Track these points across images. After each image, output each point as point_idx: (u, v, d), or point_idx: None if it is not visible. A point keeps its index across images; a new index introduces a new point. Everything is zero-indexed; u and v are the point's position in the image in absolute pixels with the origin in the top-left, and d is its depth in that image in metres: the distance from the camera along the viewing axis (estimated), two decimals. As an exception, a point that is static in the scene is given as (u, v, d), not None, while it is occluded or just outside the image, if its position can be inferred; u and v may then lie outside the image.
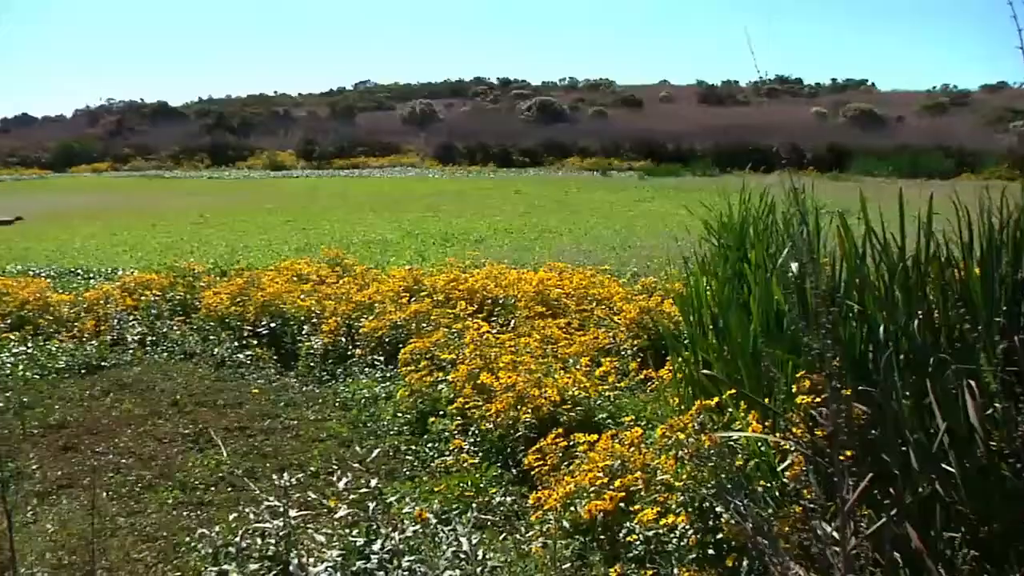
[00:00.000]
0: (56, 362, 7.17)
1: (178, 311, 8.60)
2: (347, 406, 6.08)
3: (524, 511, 4.12)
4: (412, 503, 3.96)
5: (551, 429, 4.56)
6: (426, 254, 12.91)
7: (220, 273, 10.33)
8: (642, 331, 6.55)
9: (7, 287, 9.17)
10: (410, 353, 6.23)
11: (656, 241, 13.68)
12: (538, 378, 5.10)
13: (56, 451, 5.34)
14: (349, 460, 4.99)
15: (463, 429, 5.18)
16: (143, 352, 7.54)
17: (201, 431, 5.60)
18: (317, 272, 9.37)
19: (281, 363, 7.28)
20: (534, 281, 7.80)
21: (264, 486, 4.57)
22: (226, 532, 3.62)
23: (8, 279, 10.00)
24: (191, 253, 13.81)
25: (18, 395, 6.31)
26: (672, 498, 3.29)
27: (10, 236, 17.71)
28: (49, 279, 10.88)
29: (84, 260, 13.61)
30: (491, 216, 18.67)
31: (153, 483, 4.80)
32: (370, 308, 7.51)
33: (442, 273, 8.73)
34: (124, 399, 6.28)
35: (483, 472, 4.57)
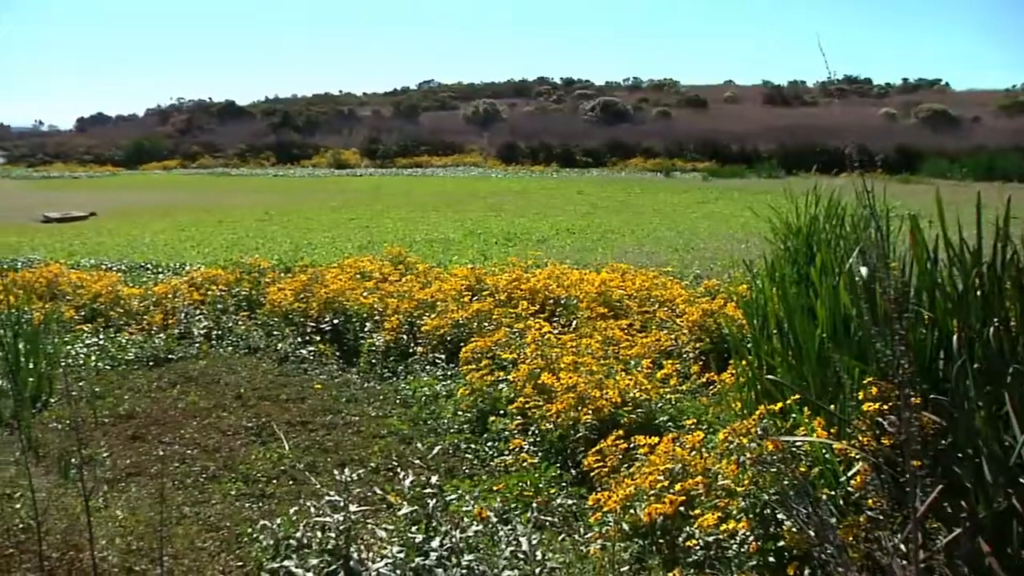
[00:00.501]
0: (126, 354, 7.35)
1: (243, 306, 8.76)
2: (408, 403, 6.12)
3: (583, 512, 4.10)
4: (472, 501, 3.97)
5: (611, 431, 4.54)
6: (488, 253, 12.94)
7: (284, 269, 10.47)
8: (704, 334, 6.48)
9: (81, 280, 9.44)
10: (471, 352, 6.26)
11: (720, 243, 13.55)
12: (599, 379, 5.07)
13: (125, 440, 5.47)
14: (409, 457, 5.02)
15: (523, 429, 5.18)
16: (209, 346, 7.69)
17: (264, 425, 5.68)
18: (380, 270, 9.45)
19: (343, 359, 7.37)
20: (596, 282, 7.77)
21: (325, 480, 4.62)
22: (287, 525, 3.67)
23: (82, 272, 10.31)
24: (256, 249, 14.05)
25: (90, 385, 6.49)
26: (733, 503, 3.25)
27: (84, 231, 18.22)
28: (120, 273, 11.16)
29: (153, 255, 13.94)
30: (554, 216, 18.65)
31: (217, 474, 4.88)
32: (432, 306, 7.55)
33: (504, 272, 8.74)
34: (190, 391, 6.41)
35: (542, 472, 4.56)
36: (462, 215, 19.24)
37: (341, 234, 16.31)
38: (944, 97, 54.62)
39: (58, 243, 16.00)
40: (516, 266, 9.04)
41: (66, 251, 14.58)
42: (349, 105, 69.87)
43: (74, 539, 3.02)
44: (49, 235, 17.56)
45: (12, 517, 3.27)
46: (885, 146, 31.98)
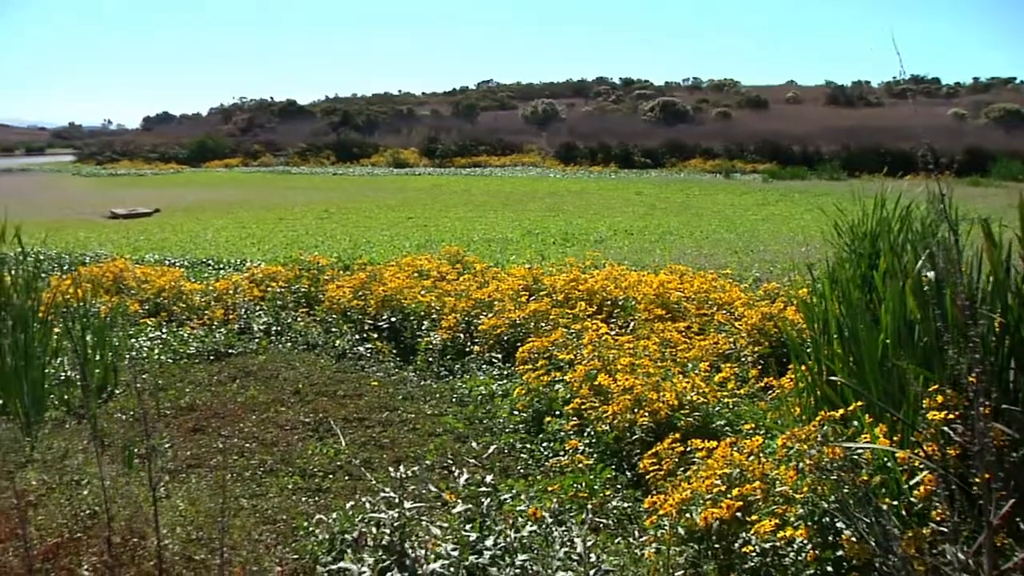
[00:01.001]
0: (187, 348, 7.49)
1: (302, 303, 8.87)
2: (464, 402, 6.14)
3: (637, 515, 4.07)
4: (526, 501, 3.97)
5: (667, 434, 4.50)
6: (546, 253, 12.94)
7: (343, 267, 10.58)
8: (763, 337, 6.40)
9: (146, 275, 9.66)
10: (528, 352, 6.26)
11: (780, 246, 13.37)
12: (656, 381, 5.04)
13: (186, 432, 5.57)
14: (465, 455, 5.04)
15: (578, 430, 5.16)
16: (268, 341, 7.79)
17: (321, 420, 5.75)
18: (438, 268, 9.50)
19: (400, 357, 7.42)
20: (654, 283, 7.72)
21: (380, 477, 4.66)
22: (343, 520, 3.70)
23: (147, 267, 10.54)
24: (315, 247, 14.22)
25: (154, 377, 6.63)
26: (791, 511, 3.20)
27: (149, 227, 18.63)
28: (183, 268, 11.39)
29: (215, 251, 14.20)
30: (611, 217, 18.58)
31: (274, 468, 4.95)
32: (489, 306, 7.57)
33: (562, 273, 8.73)
34: (249, 386, 6.50)
35: (597, 474, 4.54)
36: (520, 215, 19.26)
37: (399, 233, 16.44)
38: (1018, 96, 53.13)
39: (124, 239, 16.39)
40: (574, 266, 9.02)
41: (131, 246, 14.93)
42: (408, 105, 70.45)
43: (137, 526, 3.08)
44: (115, 231, 18.00)
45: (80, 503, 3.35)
46: (953, 147, 31.20)
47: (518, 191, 26.80)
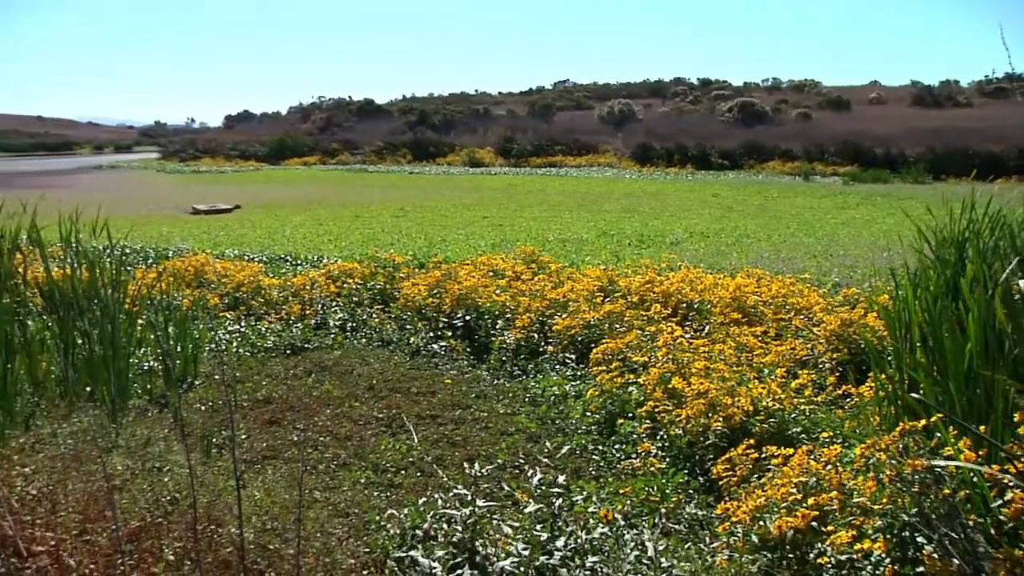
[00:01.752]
0: (265, 341, 7.64)
1: (377, 300, 8.98)
2: (536, 402, 6.15)
3: (710, 521, 4.02)
4: (598, 503, 3.95)
5: (742, 439, 4.44)
6: (621, 255, 12.87)
7: (418, 265, 10.67)
8: (842, 344, 6.26)
9: (226, 270, 9.88)
10: (602, 353, 6.23)
11: (860, 251, 13.08)
12: (731, 386, 4.97)
13: (262, 424, 5.69)
14: (537, 455, 5.04)
15: (651, 433, 5.13)
16: (343, 337, 7.90)
17: (394, 416, 5.81)
18: (513, 268, 9.52)
19: (474, 355, 7.46)
20: (731, 287, 7.61)
21: (452, 474, 4.69)
22: (414, 515, 3.73)
23: (227, 262, 10.79)
24: (391, 245, 14.38)
25: (232, 370, 6.77)
26: (869, 523, 3.12)
27: (229, 223, 19.06)
28: (262, 264, 11.62)
29: (293, 247, 14.46)
30: (688, 219, 18.39)
31: (348, 462, 5.02)
32: (564, 306, 7.55)
33: (637, 274, 8.67)
34: (324, 380, 6.60)
35: (670, 478, 4.50)
36: (595, 216, 19.20)
37: (475, 232, 16.52)
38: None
39: (205, 234, 16.80)
40: (649, 268, 8.95)
41: (212, 241, 15.29)
42: (484, 104, 70.72)
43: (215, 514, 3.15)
44: (197, 226, 18.47)
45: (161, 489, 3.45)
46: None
47: (593, 192, 26.70)
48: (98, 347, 5.44)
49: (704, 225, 17.16)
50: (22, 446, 3.71)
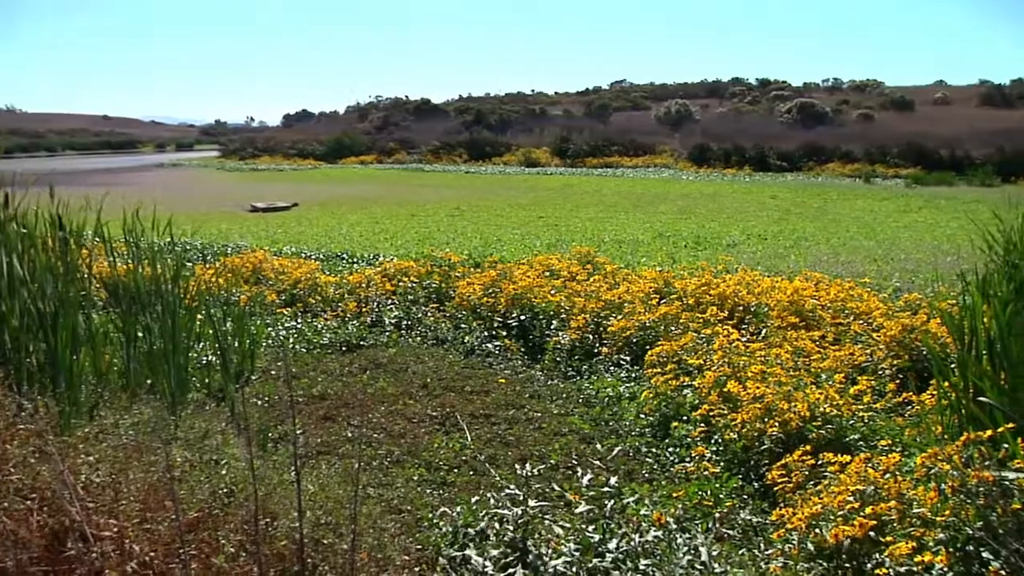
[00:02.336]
0: (321, 338, 7.72)
1: (433, 298, 9.03)
2: (590, 403, 6.12)
3: (764, 527, 3.97)
4: (650, 506, 3.92)
5: (798, 445, 4.38)
6: (677, 256, 12.78)
7: (474, 264, 10.70)
8: (903, 351, 6.14)
9: (283, 267, 10.01)
10: (657, 355, 6.19)
11: (923, 255, 12.81)
12: (788, 391, 4.90)
13: (317, 420, 5.75)
14: (589, 456, 5.02)
15: (705, 436, 5.08)
16: (399, 335, 7.96)
17: (448, 415, 5.83)
18: (568, 268, 9.50)
19: (528, 355, 7.46)
20: (788, 290, 7.50)
21: (505, 473, 4.69)
22: (467, 514, 3.74)
23: (284, 259, 10.93)
24: (447, 244, 14.45)
25: (288, 366, 6.85)
26: (930, 534, 3.05)
27: (287, 220, 19.31)
28: (318, 261, 11.76)
29: (349, 245, 14.60)
30: (745, 221, 18.19)
31: (401, 459, 5.05)
32: (619, 307, 7.52)
33: (693, 277, 8.60)
34: (379, 378, 6.66)
35: (724, 482, 4.46)
36: (651, 217, 19.09)
37: (530, 232, 16.52)
38: None
39: (263, 231, 17.04)
40: (705, 270, 8.86)
41: (270, 239, 15.50)
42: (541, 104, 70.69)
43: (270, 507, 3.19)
44: (255, 223, 18.74)
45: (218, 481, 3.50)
46: None
47: (649, 193, 26.55)
48: (159, 341, 5.54)
49: (762, 227, 16.97)
50: (86, 435, 3.79)
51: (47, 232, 5.32)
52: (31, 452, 3.34)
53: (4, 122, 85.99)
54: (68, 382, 4.76)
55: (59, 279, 5.02)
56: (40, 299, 4.85)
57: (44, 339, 4.82)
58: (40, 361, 4.82)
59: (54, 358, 4.77)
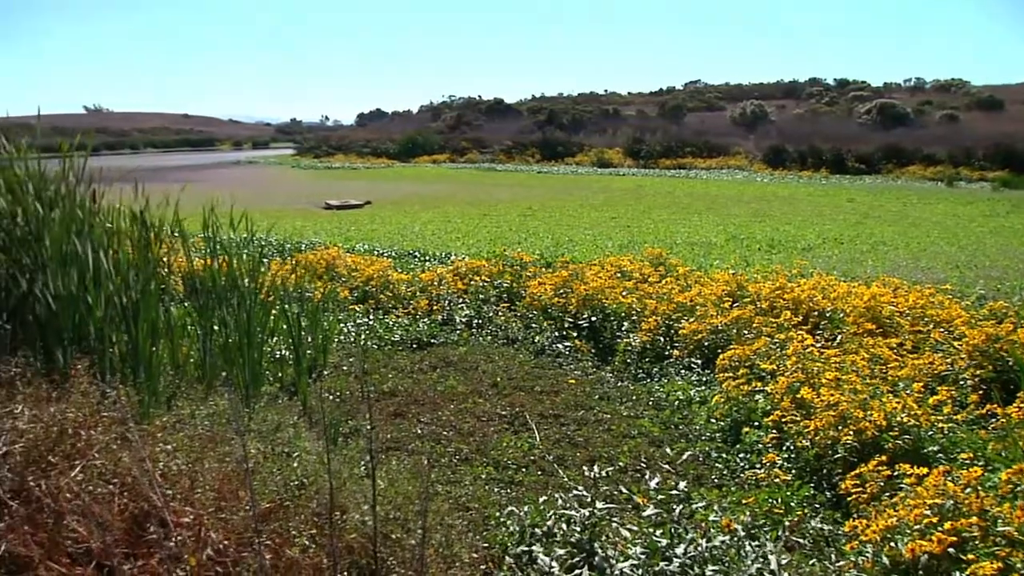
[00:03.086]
0: (392, 335, 7.80)
1: (504, 298, 9.05)
2: (660, 406, 6.07)
3: (836, 538, 3.89)
4: (719, 512, 3.87)
5: (873, 455, 4.29)
6: (750, 259, 12.61)
7: (545, 264, 10.70)
8: (987, 360, 5.94)
9: (356, 264, 10.14)
10: (729, 359, 6.11)
11: (1009, 261, 12.43)
12: (863, 399, 4.79)
13: (387, 416, 5.81)
14: (658, 460, 4.98)
15: (777, 443, 5.00)
16: (469, 333, 7.99)
17: (517, 414, 5.84)
18: (640, 270, 9.44)
19: (598, 357, 7.43)
20: (865, 296, 7.33)
21: (573, 474, 4.68)
22: (534, 513, 3.74)
23: (357, 256, 11.06)
24: (518, 243, 14.47)
25: (359, 361, 6.93)
26: (1016, 555, 2.95)
27: (360, 218, 19.56)
28: (390, 259, 11.88)
29: (421, 244, 14.72)
30: (821, 224, 17.86)
31: (469, 457, 5.07)
32: (691, 310, 7.45)
33: (767, 280, 8.47)
34: (449, 376, 6.69)
35: (795, 491, 4.38)
36: (725, 219, 18.86)
37: (602, 232, 16.46)
38: None
39: (336, 228, 17.28)
40: (780, 274, 8.72)
41: (343, 236, 15.71)
42: (614, 104, 70.49)
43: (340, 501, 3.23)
44: (329, 221, 19.02)
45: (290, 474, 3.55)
46: None
47: (723, 194, 26.23)
48: (234, 334, 5.65)
49: (838, 231, 16.63)
50: (164, 424, 3.89)
51: (130, 227, 5.47)
52: (113, 439, 3.44)
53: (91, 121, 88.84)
54: (148, 372, 4.89)
55: (141, 272, 5.15)
56: (123, 292, 5.00)
57: (126, 330, 4.96)
58: (122, 351, 4.96)
59: (135, 349, 4.91)
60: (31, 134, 5.56)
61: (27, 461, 3.27)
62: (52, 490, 3.08)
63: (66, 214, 5.01)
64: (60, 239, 4.81)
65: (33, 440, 3.32)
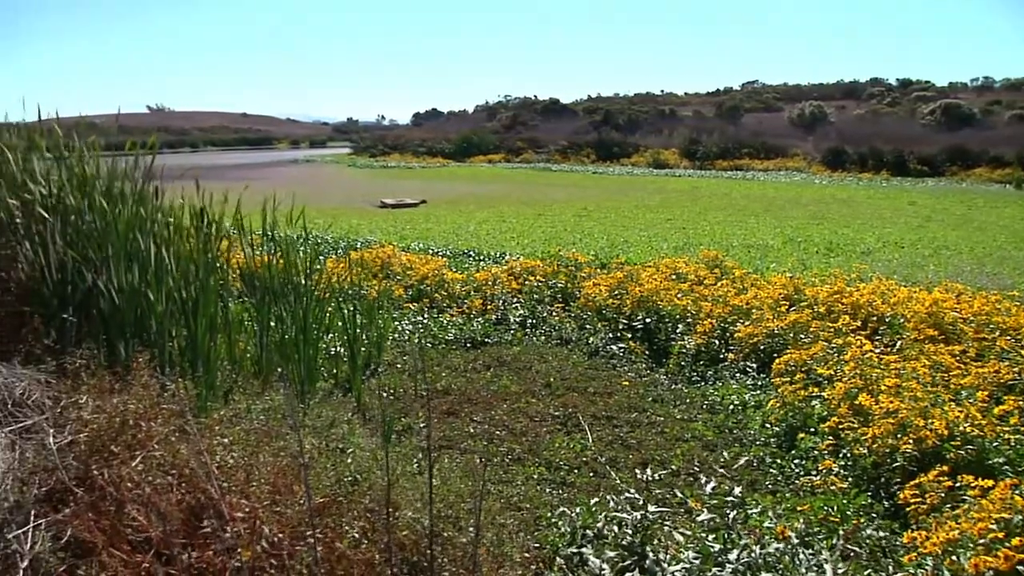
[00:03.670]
0: (446, 334, 7.83)
1: (558, 298, 9.04)
2: (714, 410, 6.01)
3: (894, 549, 3.80)
4: (773, 518, 3.82)
5: (934, 465, 4.18)
6: (808, 263, 12.43)
7: (600, 265, 10.67)
8: (1057, 370, 5.77)
9: (410, 262, 10.20)
10: (785, 364, 6.03)
11: (1083, 268, 12.07)
12: (924, 407, 4.68)
13: (440, 414, 5.83)
14: (712, 464, 4.93)
15: (833, 450, 4.91)
16: (523, 334, 7.99)
17: (570, 415, 5.82)
18: (695, 272, 9.36)
19: (652, 359, 7.38)
20: (927, 301, 7.16)
21: (625, 477, 4.65)
22: (585, 515, 3.73)
23: (411, 255, 11.13)
24: (573, 244, 14.44)
25: (413, 360, 6.96)
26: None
27: (415, 217, 19.68)
28: (445, 258, 11.93)
29: (476, 243, 14.77)
30: (881, 227, 17.54)
31: (521, 457, 5.07)
32: (747, 313, 7.36)
33: (825, 284, 8.33)
34: (502, 375, 6.70)
35: (851, 499, 4.29)
36: (782, 221, 18.63)
37: (657, 234, 16.36)
38: None
39: (391, 227, 17.41)
40: (838, 278, 8.57)
41: (398, 235, 15.82)
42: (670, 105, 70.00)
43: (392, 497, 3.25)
44: (384, 219, 19.17)
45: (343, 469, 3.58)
46: None
47: (781, 196, 25.90)
48: (291, 330, 5.73)
49: (899, 235, 16.32)
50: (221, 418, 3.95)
51: (191, 223, 5.57)
52: (172, 431, 3.50)
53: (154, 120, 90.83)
54: (206, 367, 4.97)
55: (200, 268, 5.24)
56: (183, 287, 5.09)
57: (185, 325, 5.05)
58: (181, 346, 5.05)
59: (194, 343, 4.99)
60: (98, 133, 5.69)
61: (91, 450, 3.35)
62: (114, 479, 3.15)
63: (130, 211, 5.11)
64: (125, 235, 4.91)
65: (97, 430, 3.40)
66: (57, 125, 5.43)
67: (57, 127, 5.41)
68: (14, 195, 4.99)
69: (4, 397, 3.76)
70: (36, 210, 4.92)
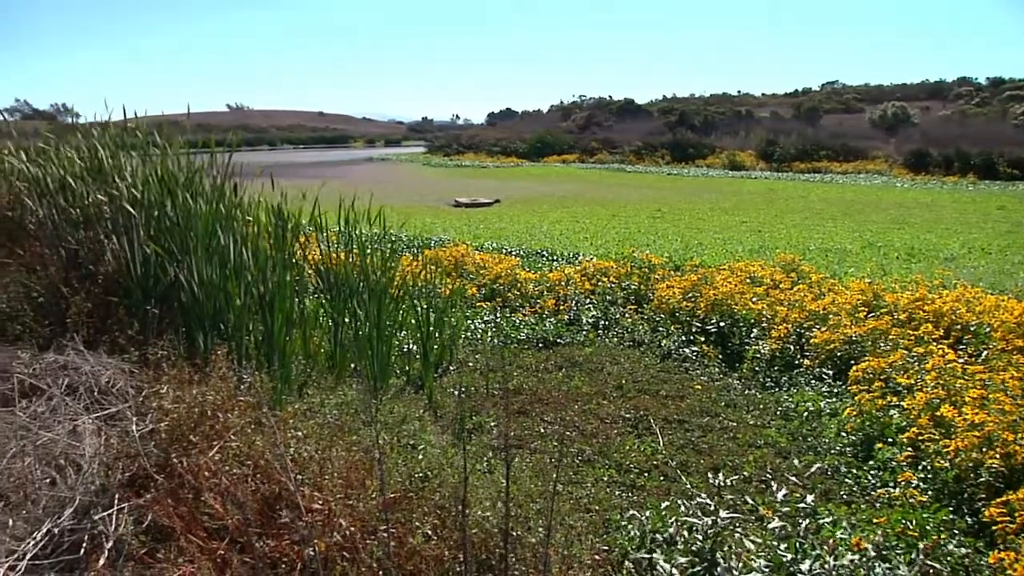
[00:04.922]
0: (518, 333, 7.83)
1: (631, 300, 8.98)
2: (788, 416, 5.90)
3: (978, 568, 3.68)
4: (847, 529, 3.73)
5: (1023, 482, 4.03)
6: (888, 268, 12.13)
7: (674, 267, 10.57)
8: None
9: (484, 261, 10.24)
10: (863, 371, 5.89)
11: None
12: (1012, 420, 4.52)
13: (512, 414, 5.83)
14: (785, 472, 4.84)
15: (912, 462, 4.78)
16: (595, 335, 7.95)
17: (641, 418, 5.77)
18: (771, 276, 9.21)
19: (726, 363, 7.28)
20: (1016, 311, 6.91)
21: (696, 481, 4.60)
22: (655, 519, 3.69)
23: (485, 254, 11.18)
24: (647, 245, 14.35)
25: (485, 359, 6.99)
26: None
27: (488, 216, 19.76)
28: (518, 258, 11.96)
29: (549, 243, 14.76)
30: (966, 233, 17.03)
31: (592, 459, 5.05)
32: (823, 319, 7.21)
33: (906, 290, 8.13)
34: (574, 376, 6.67)
35: (931, 513, 4.16)
36: (861, 226, 18.22)
37: (732, 236, 16.16)
38: None
39: (465, 226, 17.51)
40: (920, 285, 8.35)
41: (472, 234, 15.90)
42: (747, 106, 69.11)
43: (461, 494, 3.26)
44: (458, 218, 19.29)
45: (414, 465, 3.61)
46: None
47: (860, 200, 25.33)
48: (364, 327, 5.80)
49: (985, 240, 15.82)
50: (296, 411, 4.02)
51: (268, 220, 5.68)
52: (248, 423, 3.58)
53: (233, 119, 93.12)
54: (281, 361, 5.06)
55: (277, 264, 5.34)
56: (260, 282, 5.19)
57: (262, 320, 5.15)
58: (258, 340, 5.15)
59: (270, 338, 5.09)
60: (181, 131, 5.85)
61: (171, 439, 3.44)
62: (193, 467, 3.23)
63: (211, 206, 5.23)
64: (205, 230, 5.03)
65: (176, 419, 3.49)
66: (142, 124, 5.59)
67: (142, 125, 5.57)
68: (103, 191, 5.16)
69: (91, 384, 3.89)
70: (123, 205, 5.07)
